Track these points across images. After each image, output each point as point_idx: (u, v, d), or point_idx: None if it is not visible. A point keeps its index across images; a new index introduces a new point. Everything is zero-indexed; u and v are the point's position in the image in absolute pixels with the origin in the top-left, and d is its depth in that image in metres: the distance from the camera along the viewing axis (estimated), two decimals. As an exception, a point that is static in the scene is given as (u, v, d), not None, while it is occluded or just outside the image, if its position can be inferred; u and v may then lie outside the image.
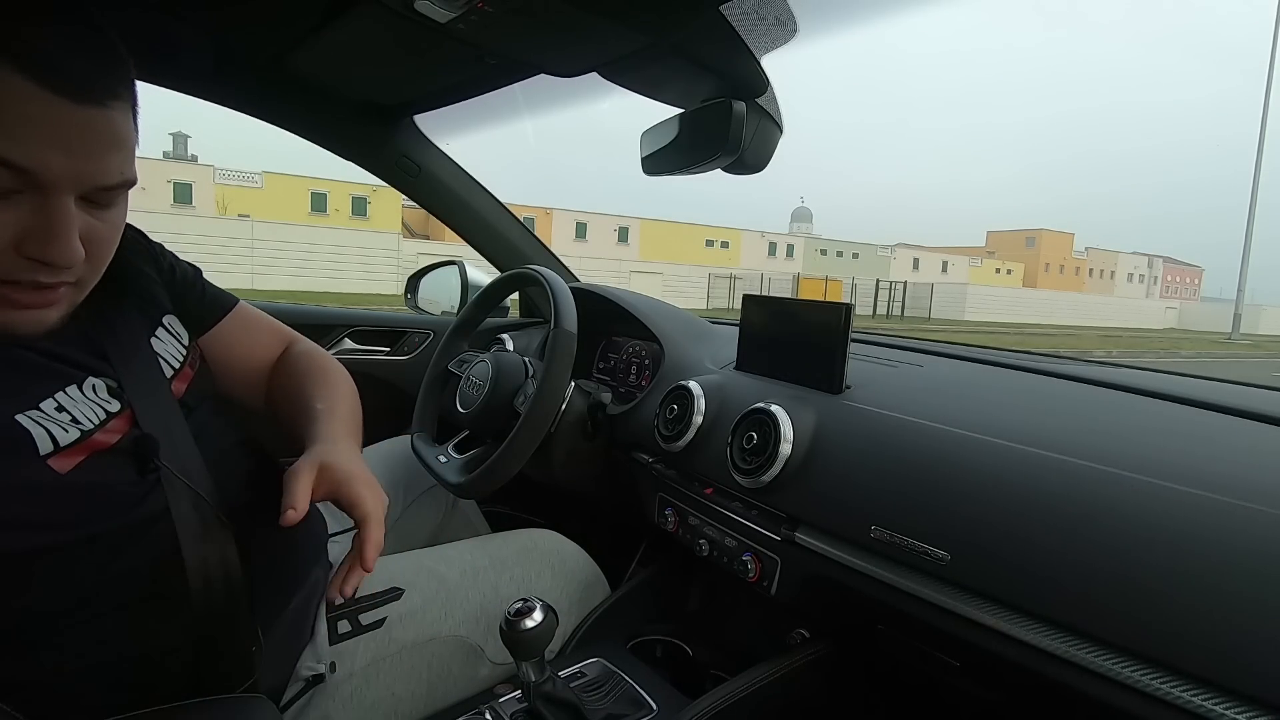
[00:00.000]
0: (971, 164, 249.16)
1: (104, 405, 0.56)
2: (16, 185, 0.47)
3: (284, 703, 0.67)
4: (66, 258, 0.50)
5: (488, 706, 0.73)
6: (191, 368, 0.68)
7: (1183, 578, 0.49)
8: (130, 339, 0.62)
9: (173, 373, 0.65)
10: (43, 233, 0.48)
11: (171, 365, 0.65)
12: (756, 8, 0.65)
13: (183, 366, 0.66)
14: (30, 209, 0.48)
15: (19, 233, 0.48)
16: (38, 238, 0.48)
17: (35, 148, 0.46)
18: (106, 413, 0.56)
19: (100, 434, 0.54)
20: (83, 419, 0.54)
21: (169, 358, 0.65)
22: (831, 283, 27.14)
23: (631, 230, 34.38)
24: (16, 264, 0.49)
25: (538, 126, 1.21)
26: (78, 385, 0.56)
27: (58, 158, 0.47)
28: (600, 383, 1.28)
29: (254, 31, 0.91)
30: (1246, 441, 0.64)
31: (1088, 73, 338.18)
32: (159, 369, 0.63)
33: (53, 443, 0.51)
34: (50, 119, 0.46)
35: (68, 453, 0.52)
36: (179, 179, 24.19)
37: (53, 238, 0.49)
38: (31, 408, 0.51)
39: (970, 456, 0.66)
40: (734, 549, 0.83)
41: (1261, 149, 25.36)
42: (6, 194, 0.47)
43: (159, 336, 0.66)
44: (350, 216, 27.12)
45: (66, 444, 0.52)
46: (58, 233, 0.49)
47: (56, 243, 0.49)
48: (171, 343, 0.67)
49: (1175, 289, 69.70)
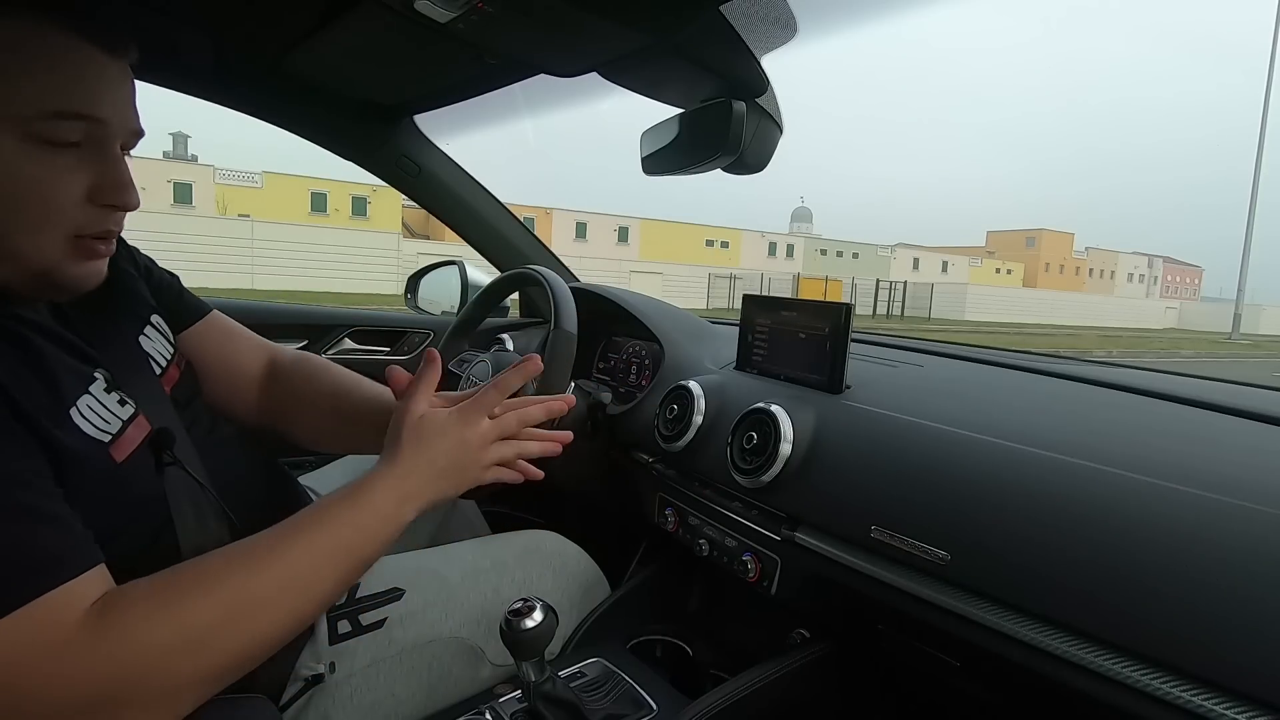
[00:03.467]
0: (972, 163, 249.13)
1: (120, 402, 0.57)
2: (80, 138, 0.50)
3: (283, 702, 0.67)
4: (134, 199, 0.54)
5: (488, 707, 0.73)
6: (178, 366, 0.69)
7: (1183, 578, 0.49)
8: (120, 338, 0.62)
9: (161, 370, 0.65)
10: (114, 180, 0.52)
11: (159, 363, 0.66)
12: (756, 8, 0.65)
13: (170, 364, 0.67)
14: (93, 161, 0.52)
15: (90, 184, 0.52)
16: (110, 186, 0.52)
17: (99, 99, 0.51)
18: (125, 409, 0.57)
19: (131, 429, 0.56)
20: (114, 415, 0.55)
21: (157, 355, 0.66)
22: (831, 283, 27.14)
23: (631, 230, 34.38)
24: (92, 214, 0.52)
25: (538, 126, 1.21)
26: (101, 383, 0.56)
27: (114, 107, 0.52)
28: (600, 383, 1.28)
29: (254, 31, 0.91)
30: (1246, 441, 0.64)
31: (1088, 69, 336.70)
32: (150, 367, 0.64)
33: (106, 433, 0.54)
34: (104, 72, 0.51)
35: (121, 441, 0.55)
36: (179, 179, 24.20)
37: (123, 184, 0.53)
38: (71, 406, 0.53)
39: (970, 456, 0.66)
40: (734, 549, 0.83)
41: (1261, 148, 25.36)
42: (72, 147, 0.50)
43: (147, 335, 0.66)
44: (350, 216, 27.13)
45: (118, 430, 0.55)
46: (126, 179, 0.53)
47: (125, 186, 0.53)
48: (159, 340, 0.68)
49: (1175, 289, 69.71)
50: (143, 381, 0.61)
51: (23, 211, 0.49)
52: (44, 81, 0.48)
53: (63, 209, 0.51)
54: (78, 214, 0.52)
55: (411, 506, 0.58)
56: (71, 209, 0.51)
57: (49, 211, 0.50)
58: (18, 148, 0.48)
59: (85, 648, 0.42)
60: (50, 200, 0.50)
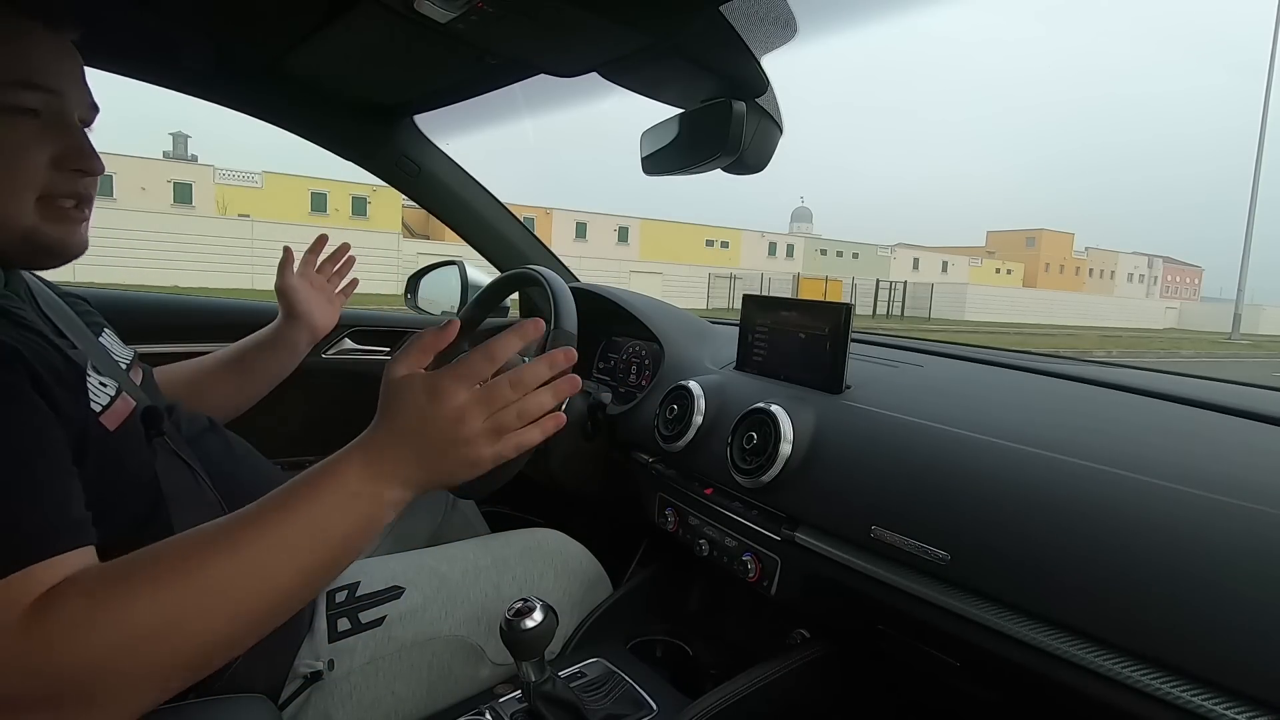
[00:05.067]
0: (972, 162, 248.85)
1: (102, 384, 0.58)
2: (39, 106, 0.54)
3: (282, 700, 0.67)
4: (99, 163, 0.58)
5: (488, 706, 0.73)
6: (139, 367, 0.71)
7: (1183, 578, 0.49)
8: (84, 334, 0.64)
9: (126, 365, 0.68)
10: (76, 147, 0.56)
11: (123, 361, 0.68)
12: (756, 8, 0.65)
13: (132, 364, 0.70)
14: (54, 129, 0.55)
15: (56, 152, 0.55)
16: (73, 152, 0.56)
17: (52, 72, 0.55)
18: (110, 385, 0.58)
19: (119, 402, 0.57)
20: (103, 389, 0.57)
21: (118, 355, 0.68)
22: (831, 282, 27.13)
23: (631, 230, 34.37)
24: (59, 179, 0.56)
25: (538, 126, 1.21)
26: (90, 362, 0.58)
27: (67, 80, 0.56)
28: (600, 383, 1.28)
29: (254, 32, 0.91)
30: (1246, 441, 0.64)
31: (1088, 66, 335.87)
32: (116, 361, 0.66)
33: (98, 404, 0.55)
34: (53, 47, 0.55)
35: (110, 413, 0.56)
36: (179, 179, 24.20)
37: (85, 150, 0.57)
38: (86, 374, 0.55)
39: (970, 456, 0.66)
40: (734, 549, 0.83)
41: (1262, 147, 25.36)
42: (32, 116, 0.54)
43: (105, 337, 0.69)
44: (350, 216, 27.12)
45: (107, 403, 0.56)
46: (88, 146, 0.57)
47: (90, 154, 0.57)
48: (116, 344, 0.70)
49: (1175, 289, 69.69)
50: (115, 370, 0.64)
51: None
52: (1, 54, 0.52)
53: (31, 172, 0.54)
54: (44, 178, 0.55)
55: (387, 486, 0.50)
56: (40, 172, 0.55)
57: (19, 174, 0.54)
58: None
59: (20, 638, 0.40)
60: (19, 164, 0.54)
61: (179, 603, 0.43)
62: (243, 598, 0.45)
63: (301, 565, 0.47)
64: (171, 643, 0.43)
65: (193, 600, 0.43)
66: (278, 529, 0.47)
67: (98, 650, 0.41)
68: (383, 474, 0.50)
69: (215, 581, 0.44)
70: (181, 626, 0.43)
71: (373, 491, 0.49)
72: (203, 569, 0.44)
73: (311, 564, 0.48)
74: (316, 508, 0.48)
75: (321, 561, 0.48)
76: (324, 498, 0.48)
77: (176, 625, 0.43)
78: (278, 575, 0.46)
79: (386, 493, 0.50)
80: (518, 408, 0.53)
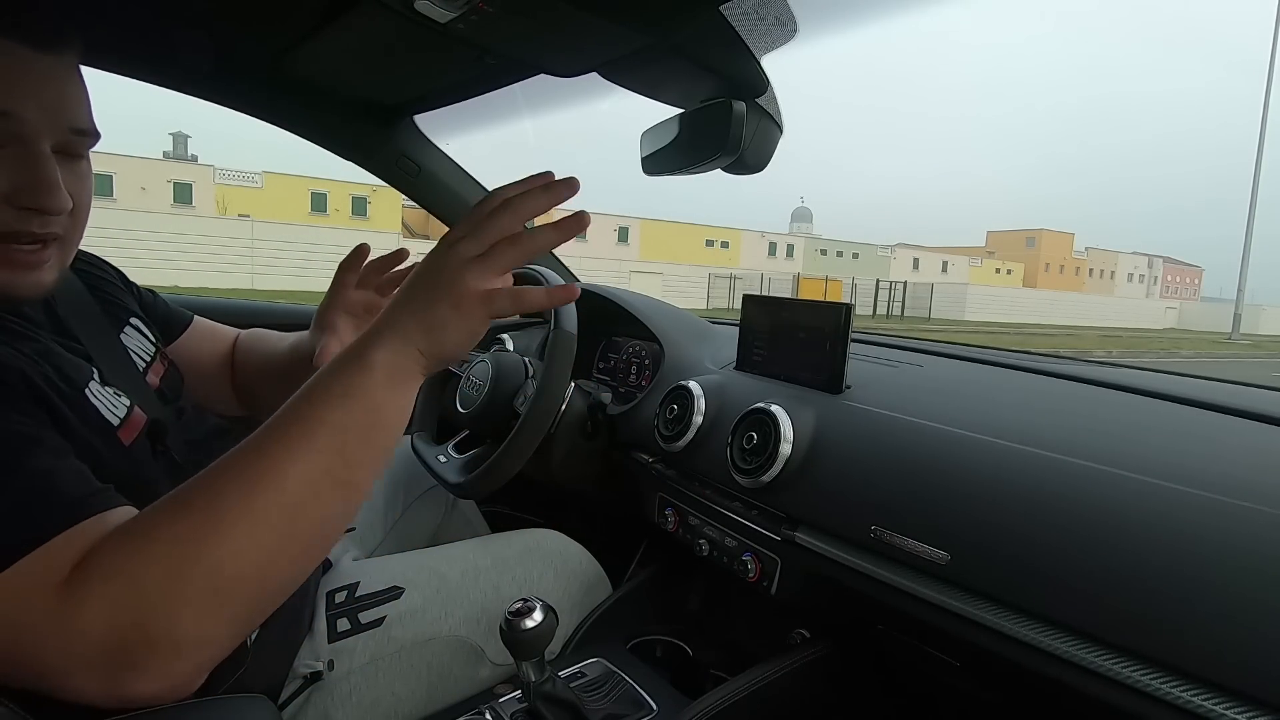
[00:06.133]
0: (972, 162, 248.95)
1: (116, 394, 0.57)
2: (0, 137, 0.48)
3: (282, 700, 0.67)
4: (58, 202, 0.50)
5: (488, 706, 0.73)
6: (162, 363, 0.70)
7: (1183, 578, 0.49)
8: (103, 335, 0.64)
9: (145, 365, 0.67)
10: (33, 181, 0.49)
11: (143, 359, 0.67)
12: (756, 8, 0.65)
13: (154, 360, 0.69)
14: (15, 162, 0.49)
15: (9, 186, 0.49)
16: (29, 186, 0.49)
17: (18, 95, 0.48)
18: (123, 399, 0.57)
19: (134, 415, 0.57)
20: (118, 402, 0.56)
21: (140, 352, 0.67)
22: (831, 283, 27.13)
23: (631, 230, 34.36)
24: (10, 216, 0.49)
25: (538, 126, 1.21)
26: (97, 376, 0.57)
27: (33, 103, 0.49)
28: (600, 383, 1.28)
29: (254, 32, 0.91)
30: (1246, 441, 0.64)
31: (1088, 67, 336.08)
32: (133, 363, 0.65)
33: (116, 417, 0.54)
34: (28, 68, 0.48)
35: (127, 426, 0.55)
36: (179, 179, 24.20)
37: (42, 183, 0.49)
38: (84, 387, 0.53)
39: (970, 456, 0.66)
40: (734, 549, 0.83)
41: (1262, 147, 25.35)
42: None
43: (127, 334, 0.68)
44: (350, 216, 27.12)
45: (124, 415, 0.55)
46: (46, 177, 0.50)
47: (47, 187, 0.50)
48: (140, 340, 0.69)
49: (1175, 289, 69.68)
50: (129, 376, 0.63)
51: None
52: None
53: None
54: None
55: (374, 345, 0.48)
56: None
57: None
58: None
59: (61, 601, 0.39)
60: None
61: (208, 521, 0.41)
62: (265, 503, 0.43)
63: (336, 449, 0.45)
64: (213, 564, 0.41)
65: (225, 518, 0.42)
66: (299, 425, 0.45)
67: (135, 602, 0.39)
68: (372, 333, 0.48)
69: (242, 494, 0.43)
70: (217, 545, 0.41)
71: (359, 355, 0.47)
72: (231, 483, 0.43)
73: (333, 461, 0.45)
74: (338, 387, 0.46)
75: (360, 444, 0.46)
76: (346, 378, 0.47)
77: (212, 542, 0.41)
78: (293, 475, 0.44)
79: (373, 351, 0.47)
80: (516, 247, 0.50)
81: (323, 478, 0.45)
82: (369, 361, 0.47)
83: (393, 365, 0.48)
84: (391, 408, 0.48)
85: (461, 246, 0.49)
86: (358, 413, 0.47)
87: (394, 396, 0.48)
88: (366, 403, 0.47)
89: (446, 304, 0.48)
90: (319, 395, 0.47)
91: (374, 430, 0.48)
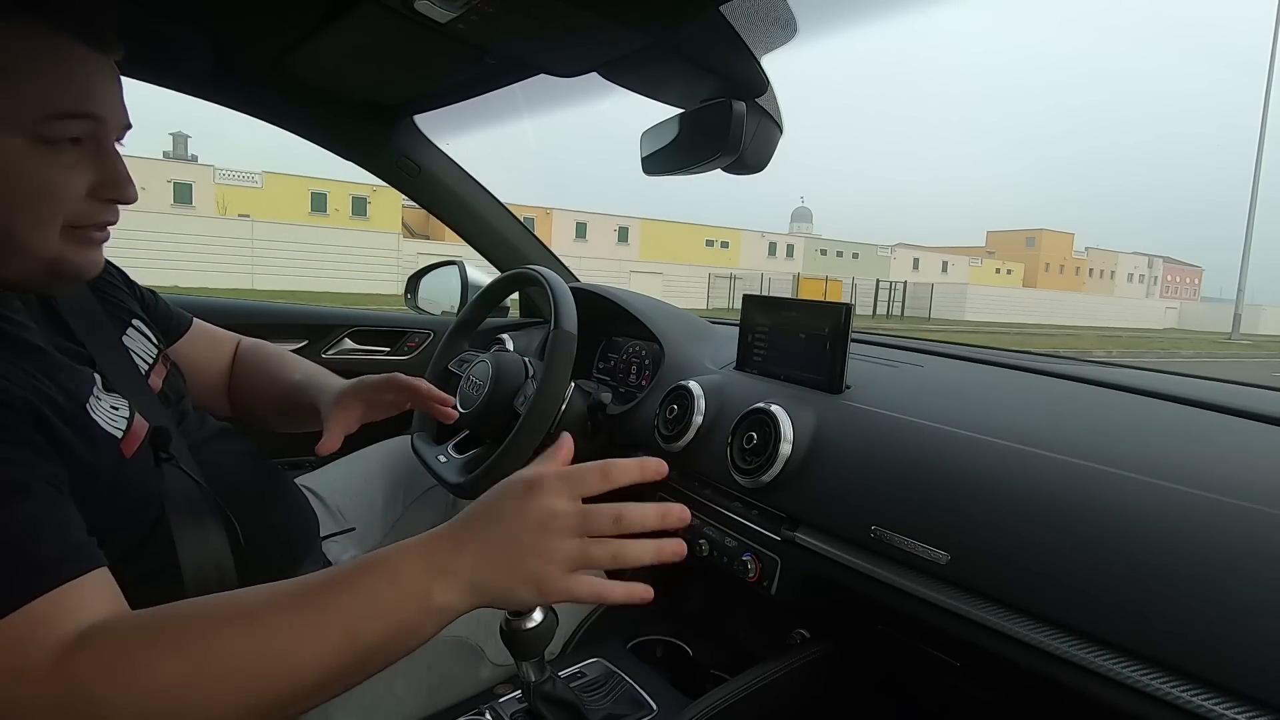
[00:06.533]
0: (972, 163, 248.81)
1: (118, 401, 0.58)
2: (80, 134, 0.52)
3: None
4: (133, 193, 0.56)
5: (488, 707, 0.73)
6: (164, 365, 0.71)
7: (1183, 578, 0.49)
8: (106, 337, 0.64)
9: (147, 368, 0.67)
10: (114, 175, 0.54)
11: (145, 361, 0.67)
12: (756, 8, 0.65)
13: (156, 363, 0.69)
14: (93, 156, 0.53)
15: (93, 181, 0.53)
16: (110, 181, 0.54)
17: (95, 97, 0.52)
18: (125, 406, 0.58)
19: (136, 425, 0.57)
20: (119, 413, 0.56)
21: (142, 354, 0.68)
22: (831, 283, 27.13)
23: (631, 230, 34.38)
24: (93, 208, 0.54)
25: (538, 126, 1.21)
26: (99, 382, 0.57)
27: (108, 103, 0.53)
28: (600, 383, 1.28)
29: (254, 32, 0.91)
30: (1246, 441, 0.64)
31: (1088, 68, 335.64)
32: (135, 366, 0.65)
33: (118, 430, 0.55)
34: (96, 70, 0.52)
35: (129, 437, 0.56)
36: (179, 179, 24.20)
37: (122, 178, 0.55)
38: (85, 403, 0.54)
39: (970, 456, 0.66)
40: (734, 549, 0.83)
41: (1261, 147, 25.36)
42: (73, 145, 0.52)
43: (129, 335, 0.68)
44: (350, 216, 27.12)
45: (125, 427, 0.56)
46: (123, 173, 0.55)
47: (125, 182, 0.55)
48: (142, 341, 0.69)
49: (1175, 289, 69.68)
50: (131, 380, 0.63)
51: (31, 209, 0.51)
52: (45, 82, 0.49)
53: (66, 204, 0.52)
54: (78, 208, 0.53)
55: (439, 583, 0.44)
56: (74, 204, 0.53)
57: (54, 207, 0.52)
58: (26, 148, 0.49)
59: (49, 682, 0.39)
60: (55, 197, 0.52)
61: (196, 671, 0.40)
62: (261, 678, 0.41)
63: (322, 653, 0.42)
64: (185, 707, 0.40)
65: (210, 672, 0.40)
66: (312, 614, 0.42)
67: (128, 700, 0.39)
68: (437, 567, 0.44)
69: (234, 658, 0.41)
70: (193, 696, 0.40)
71: (422, 589, 0.43)
72: (231, 640, 0.41)
73: (338, 662, 0.42)
74: (357, 598, 0.43)
75: (347, 662, 0.43)
76: (367, 587, 0.43)
77: (192, 691, 0.40)
78: (299, 666, 0.42)
79: (437, 591, 0.44)
80: (613, 548, 0.49)
81: (319, 671, 0.42)
82: (433, 605, 0.44)
83: (454, 613, 0.45)
84: (428, 635, 0.46)
85: (558, 532, 0.46)
86: (401, 647, 0.44)
87: (436, 629, 0.46)
88: (412, 641, 0.45)
89: (529, 584, 0.46)
90: (363, 623, 0.43)
91: (393, 647, 0.45)
